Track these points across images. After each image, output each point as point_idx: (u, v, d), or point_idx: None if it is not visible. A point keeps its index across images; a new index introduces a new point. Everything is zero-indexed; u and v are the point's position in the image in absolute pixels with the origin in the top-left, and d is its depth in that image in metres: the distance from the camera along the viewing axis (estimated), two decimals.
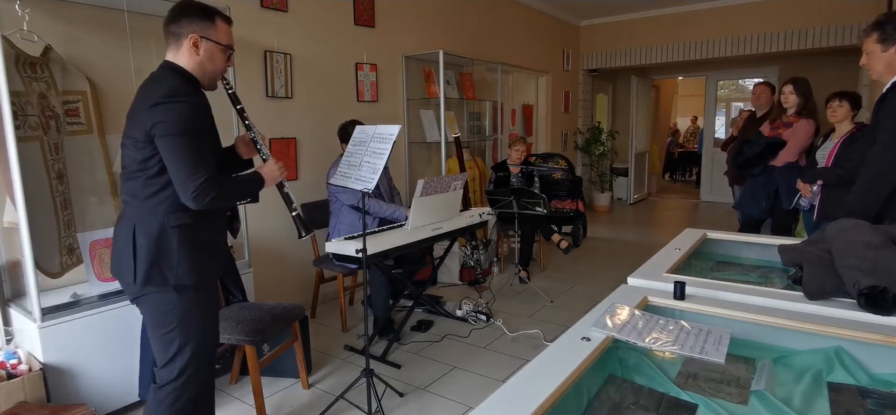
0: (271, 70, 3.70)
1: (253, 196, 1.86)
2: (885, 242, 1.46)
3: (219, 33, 1.76)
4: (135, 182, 1.67)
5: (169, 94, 1.61)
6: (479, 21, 5.88)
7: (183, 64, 1.73)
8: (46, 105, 2.48)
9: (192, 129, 1.63)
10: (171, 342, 1.73)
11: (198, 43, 1.72)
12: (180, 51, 1.73)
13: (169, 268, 1.68)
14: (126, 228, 1.70)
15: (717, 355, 1.17)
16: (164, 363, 1.75)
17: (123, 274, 1.71)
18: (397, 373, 2.98)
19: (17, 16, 2.39)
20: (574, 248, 5.75)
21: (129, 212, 1.71)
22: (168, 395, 1.75)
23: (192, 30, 1.71)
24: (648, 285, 1.63)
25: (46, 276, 2.52)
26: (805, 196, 3.20)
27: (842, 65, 6.89)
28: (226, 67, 1.82)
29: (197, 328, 1.77)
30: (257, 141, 1.93)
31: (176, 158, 1.60)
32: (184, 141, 1.60)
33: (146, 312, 1.75)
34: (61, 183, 2.54)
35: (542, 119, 7.60)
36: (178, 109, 1.61)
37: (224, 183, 1.70)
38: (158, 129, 1.59)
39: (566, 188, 5.73)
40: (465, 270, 4.60)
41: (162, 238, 1.67)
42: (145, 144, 1.63)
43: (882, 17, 2.16)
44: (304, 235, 2.00)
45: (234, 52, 1.83)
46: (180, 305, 1.72)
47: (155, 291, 1.70)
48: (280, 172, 1.91)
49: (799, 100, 3.59)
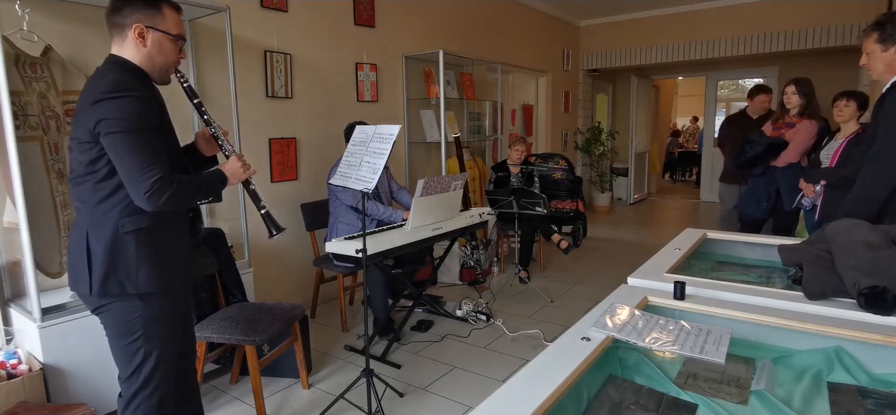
0: (271, 70, 3.70)
1: (215, 195, 1.75)
2: (885, 242, 1.46)
3: (166, 22, 1.63)
4: (83, 187, 1.57)
5: (112, 89, 1.50)
6: (479, 21, 5.88)
7: (129, 57, 1.61)
8: (46, 105, 2.48)
9: (141, 125, 1.51)
10: (135, 352, 1.64)
11: (144, 33, 1.59)
12: (125, 43, 1.61)
13: (127, 276, 1.58)
14: (78, 236, 1.60)
15: (717, 355, 1.17)
16: (128, 375, 1.66)
17: (79, 284, 1.61)
18: (397, 373, 2.98)
19: (17, 16, 2.39)
20: (574, 248, 5.75)
21: (81, 219, 1.61)
22: (137, 407, 1.67)
23: (136, 19, 1.58)
24: (648, 285, 1.63)
25: (46, 276, 2.52)
26: (808, 196, 3.20)
27: (842, 65, 6.89)
28: (178, 59, 1.70)
29: (162, 335, 1.68)
30: (219, 137, 1.82)
31: (125, 157, 1.49)
32: (132, 138, 1.49)
33: (109, 322, 1.65)
34: (61, 183, 2.54)
35: (542, 119, 7.60)
36: (123, 105, 1.49)
37: (181, 181, 1.58)
38: (103, 126, 1.48)
39: (566, 188, 5.73)
40: (465, 270, 4.61)
41: (117, 245, 1.56)
42: (91, 144, 1.51)
43: (882, 17, 2.16)
44: (274, 234, 1.90)
45: (185, 41, 1.72)
46: (145, 314, 1.63)
47: (116, 300, 1.61)
48: (243, 169, 1.79)
49: (801, 100, 3.58)
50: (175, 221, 1.71)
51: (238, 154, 1.82)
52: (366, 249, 2.53)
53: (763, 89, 4.47)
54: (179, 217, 1.74)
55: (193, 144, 1.89)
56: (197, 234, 1.88)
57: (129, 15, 1.59)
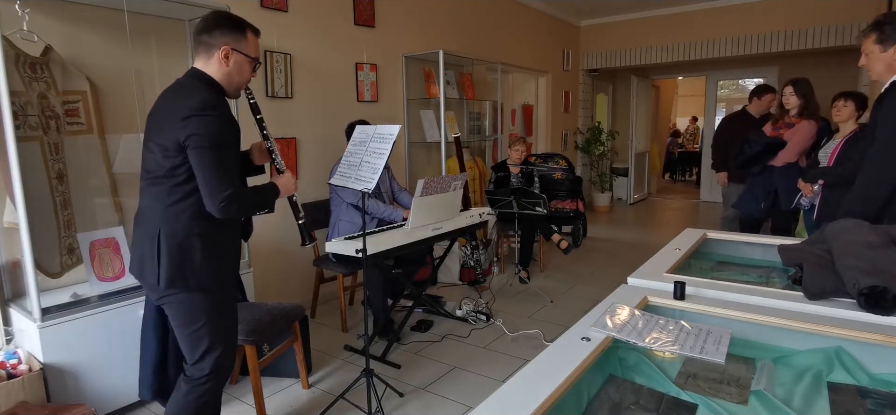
0: (271, 70, 3.70)
1: (270, 207, 1.93)
2: (885, 242, 1.46)
3: (249, 46, 1.79)
4: (161, 187, 1.71)
5: (203, 107, 1.65)
6: (479, 21, 5.88)
7: (212, 74, 1.76)
8: (46, 105, 2.48)
9: (223, 143, 1.68)
10: (199, 340, 1.79)
11: (229, 55, 1.75)
12: (210, 61, 1.76)
13: (192, 272, 1.72)
14: (150, 231, 1.73)
15: (717, 355, 1.17)
16: (195, 360, 1.81)
17: (146, 276, 1.75)
18: (397, 373, 2.98)
19: (17, 16, 2.39)
20: (574, 248, 5.75)
21: (152, 215, 1.74)
22: (195, 389, 1.82)
23: (225, 41, 1.74)
24: (648, 285, 1.63)
25: (46, 276, 2.52)
26: (806, 196, 3.20)
27: (842, 65, 6.89)
28: (251, 79, 1.87)
29: (223, 327, 1.83)
30: (274, 152, 2.01)
31: (206, 170, 1.65)
32: (215, 155, 1.65)
33: (172, 312, 1.79)
34: (61, 183, 2.54)
35: (542, 119, 7.60)
36: (211, 123, 1.65)
37: (246, 196, 1.79)
38: (192, 141, 1.63)
39: (566, 188, 5.73)
40: (465, 270, 4.60)
41: (186, 243, 1.71)
42: (176, 153, 1.66)
43: (881, 17, 2.16)
44: (307, 244, 2.10)
45: (260, 64, 1.89)
46: (206, 304, 1.77)
47: (178, 292, 1.74)
48: (294, 185, 2.00)
49: (799, 101, 3.59)
50: (233, 226, 1.88)
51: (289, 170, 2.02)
52: (366, 249, 2.53)
53: (770, 89, 4.46)
54: (237, 223, 1.91)
55: (248, 152, 2.05)
56: (247, 236, 2.06)
57: (218, 36, 1.74)
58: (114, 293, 2.53)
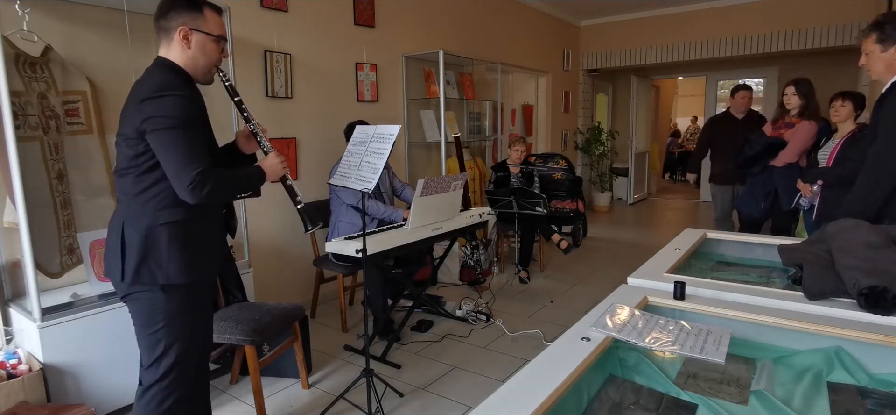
0: (271, 70, 3.70)
1: (254, 190, 1.82)
2: (885, 242, 1.46)
3: (209, 24, 1.71)
4: (125, 179, 1.66)
5: (158, 88, 1.59)
6: (479, 21, 5.88)
7: (175, 59, 1.70)
8: (46, 105, 2.48)
9: (184, 121, 1.59)
10: (157, 342, 1.70)
11: (188, 35, 1.68)
12: (171, 45, 1.69)
13: (158, 266, 1.65)
14: (115, 225, 1.68)
15: (717, 355, 1.17)
16: (149, 364, 1.72)
17: (112, 271, 1.69)
18: (397, 373, 2.98)
19: (17, 16, 2.39)
20: (574, 248, 5.75)
21: (120, 209, 1.70)
22: (154, 396, 1.71)
23: (181, 22, 1.67)
24: (648, 285, 1.63)
25: (46, 276, 2.52)
26: (805, 196, 3.20)
27: (842, 65, 6.89)
28: (220, 59, 1.78)
29: (184, 329, 1.73)
30: (257, 133, 1.90)
31: (169, 151, 1.57)
32: (176, 134, 1.57)
33: (134, 311, 1.72)
34: (61, 183, 2.54)
35: (542, 119, 7.60)
36: (168, 103, 1.58)
37: (221, 175, 1.66)
38: (149, 124, 1.57)
39: (566, 188, 5.73)
40: (465, 270, 4.60)
41: (151, 235, 1.64)
42: (137, 140, 1.60)
43: (881, 17, 2.16)
44: (310, 229, 1.97)
45: (227, 41, 1.79)
46: (168, 306, 1.68)
47: (144, 289, 1.67)
48: (282, 166, 1.88)
49: (801, 101, 3.59)
50: (208, 215, 1.77)
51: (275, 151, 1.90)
52: (366, 249, 2.53)
53: (742, 87, 4.49)
54: (213, 211, 1.81)
55: (234, 143, 1.96)
56: (232, 230, 1.97)
57: (174, 18, 1.67)
58: (114, 293, 2.53)
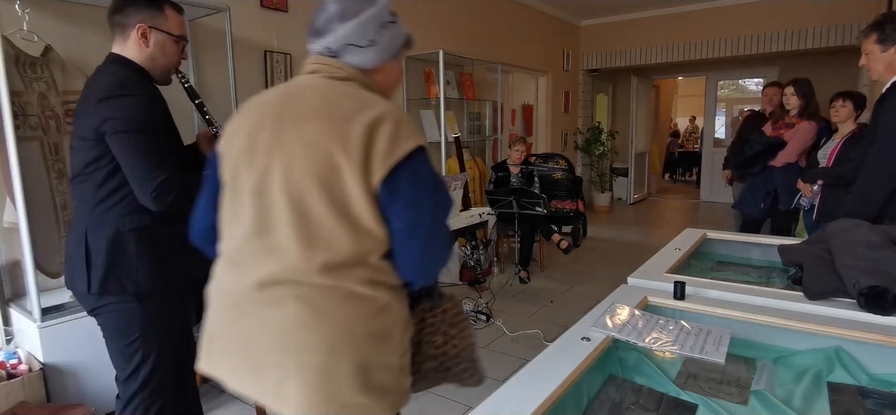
0: (271, 70, 3.70)
1: None
2: (885, 242, 1.46)
3: (169, 23, 1.63)
4: (84, 185, 1.55)
5: (119, 87, 1.49)
6: (479, 21, 5.88)
7: (131, 56, 1.60)
8: (46, 105, 2.48)
9: (148, 124, 1.50)
10: (133, 354, 1.62)
11: (146, 33, 1.59)
12: (127, 42, 1.60)
13: (127, 275, 1.55)
14: (77, 234, 1.58)
15: (717, 355, 1.17)
16: (126, 376, 1.64)
17: (77, 284, 1.59)
18: None
19: (17, 16, 2.39)
20: (574, 248, 5.75)
21: (79, 217, 1.59)
22: (137, 407, 1.64)
23: (140, 19, 1.58)
24: (648, 285, 1.63)
25: (46, 276, 2.52)
26: (805, 196, 3.20)
27: (842, 65, 6.89)
28: (180, 60, 1.70)
29: (161, 336, 1.65)
30: None
31: (131, 156, 1.48)
32: (139, 138, 1.48)
33: (106, 323, 1.64)
34: (61, 183, 2.54)
35: (542, 119, 7.60)
36: (129, 103, 1.48)
37: (186, 182, 1.54)
38: (109, 125, 1.47)
39: (566, 188, 5.73)
40: (465, 270, 4.60)
41: (118, 242, 1.54)
42: (95, 142, 1.50)
43: (881, 17, 2.16)
44: None
45: (187, 42, 1.72)
46: (143, 315, 1.60)
47: (114, 301, 1.58)
48: None
49: (800, 101, 3.59)
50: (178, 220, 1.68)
51: None
52: None
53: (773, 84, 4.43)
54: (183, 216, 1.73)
55: (195, 144, 1.88)
56: None
57: (131, 15, 1.59)
58: None
